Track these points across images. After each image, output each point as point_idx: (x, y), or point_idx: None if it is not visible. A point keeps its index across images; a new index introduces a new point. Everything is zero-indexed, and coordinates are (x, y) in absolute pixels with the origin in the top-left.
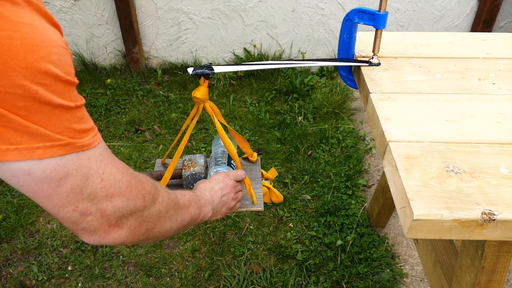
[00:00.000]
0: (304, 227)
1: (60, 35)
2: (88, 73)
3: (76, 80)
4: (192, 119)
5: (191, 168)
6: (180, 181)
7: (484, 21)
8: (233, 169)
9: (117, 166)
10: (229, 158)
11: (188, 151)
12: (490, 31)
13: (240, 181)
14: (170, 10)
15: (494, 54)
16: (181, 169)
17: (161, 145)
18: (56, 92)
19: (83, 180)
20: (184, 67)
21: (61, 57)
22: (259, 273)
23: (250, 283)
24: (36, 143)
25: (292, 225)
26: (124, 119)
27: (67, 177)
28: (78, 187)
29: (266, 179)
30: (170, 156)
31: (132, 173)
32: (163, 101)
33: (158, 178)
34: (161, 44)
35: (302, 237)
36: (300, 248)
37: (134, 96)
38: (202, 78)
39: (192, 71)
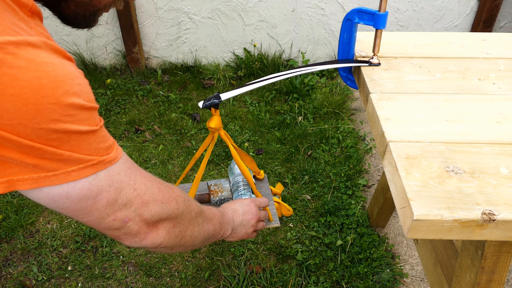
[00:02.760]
0: (304, 227)
1: (75, 65)
2: (88, 73)
3: (97, 105)
4: (207, 148)
5: (219, 193)
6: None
7: (484, 21)
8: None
9: (145, 176)
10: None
11: (188, 151)
12: (490, 31)
13: (263, 209)
14: (170, 10)
15: (494, 54)
16: (208, 194)
17: (161, 145)
18: (82, 121)
19: (117, 193)
20: (184, 67)
21: (82, 87)
22: (259, 273)
23: (250, 283)
24: (71, 166)
25: (292, 225)
26: (124, 119)
27: (101, 193)
28: (114, 199)
29: (275, 194)
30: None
31: (160, 180)
32: (163, 101)
33: None
34: (161, 44)
35: (302, 237)
36: (300, 248)
37: (134, 96)
38: (213, 109)
39: (202, 105)
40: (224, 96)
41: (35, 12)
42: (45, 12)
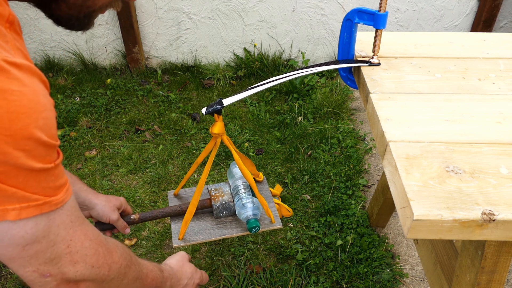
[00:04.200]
0: (304, 227)
1: (47, 93)
2: (88, 73)
3: (58, 142)
4: (210, 153)
5: (220, 198)
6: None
7: (484, 21)
8: (256, 203)
9: (86, 233)
10: (251, 190)
11: (188, 151)
12: (490, 31)
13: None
14: (170, 10)
15: (494, 54)
16: (209, 199)
17: (161, 145)
18: (37, 157)
19: (49, 246)
20: (184, 67)
21: (47, 122)
22: (259, 273)
23: (250, 283)
24: (11, 204)
25: (292, 225)
26: (124, 119)
27: (33, 244)
28: (43, 252)
29: (274, 196)
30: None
31: (101, 241)
32: (163, 101)
33: (182, 212)
34: (161, 44)
35: (302, 237)
36: (300, 248)
37: (134, 96)
38: (216, 115)
39: (205, 112)
40: (227, 101)
41: (13, 23)
42: None
